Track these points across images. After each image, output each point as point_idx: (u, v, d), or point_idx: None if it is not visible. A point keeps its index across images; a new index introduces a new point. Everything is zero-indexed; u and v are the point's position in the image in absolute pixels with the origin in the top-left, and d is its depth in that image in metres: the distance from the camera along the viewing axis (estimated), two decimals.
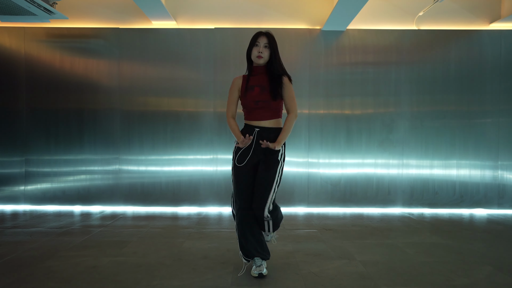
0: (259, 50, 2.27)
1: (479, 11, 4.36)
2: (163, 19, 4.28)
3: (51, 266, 2.38)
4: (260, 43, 2.28)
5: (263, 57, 2.27)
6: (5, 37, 4.40)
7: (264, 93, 2.26)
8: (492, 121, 4.37)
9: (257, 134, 2.27)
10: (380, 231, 3.38)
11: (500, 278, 2.23)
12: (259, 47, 2.28)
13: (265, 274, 2.21)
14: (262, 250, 2.28)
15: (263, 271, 2.21)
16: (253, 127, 2.30)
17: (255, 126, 2.30)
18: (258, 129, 2.28)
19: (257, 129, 2.28)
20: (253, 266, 2.26)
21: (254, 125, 2.30)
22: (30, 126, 4.41)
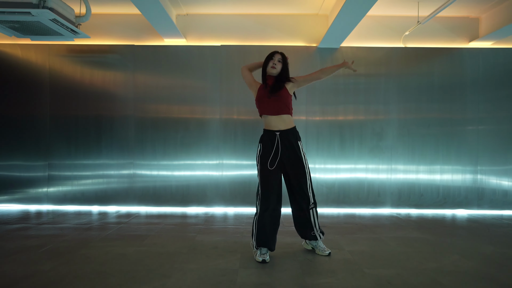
0: (274, 62, 2.84)
1: (460, 31, 4.84)
2: (174, 37, 4.74)
3: (86, 253, 2.82)
4: (275, 58, 2.85)
5: (276, 68, 2.83)
6: (32, 52, 4.86)
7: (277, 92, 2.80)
8: (472, 129, 4.82)
9: (279, 138, 2.77)
10: (368, 228, 3.81)
11: (463, 263, 2.66)
12: (274, 60, 2.84)
13: (267, 261, 2.65)
14: (272, 243, 2.74)
15: (266, 258, 2.65)
16: (274, 132, 2.78)
17: (275, 131, 2.78)
18: (278, 133, 2.78)
19: (278, 133, 2.77)
20: (258, 252, 2.69)
21: (274, 131, 2.79)
22: (53, 133, 4.86)
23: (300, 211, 2.84)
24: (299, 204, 2.83)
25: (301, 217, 2.86)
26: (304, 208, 2.82)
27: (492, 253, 2.92)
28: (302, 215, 2.84)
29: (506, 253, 2.93)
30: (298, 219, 2.89)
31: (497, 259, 2.76)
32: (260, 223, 2.71)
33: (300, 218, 2.87)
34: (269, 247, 2.72)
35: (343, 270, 2.50)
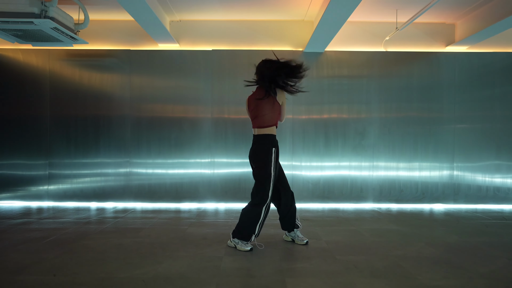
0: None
1: (437, 36, 5.14)
2: (167, 42, 5.01)
3: (86, 244, 3.10)
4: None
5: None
6: (33, 57, 5.12)
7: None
8: (449, 128, 5.12)
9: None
10: (348, 221, 4.11)
11: (426, 250, 2.96)
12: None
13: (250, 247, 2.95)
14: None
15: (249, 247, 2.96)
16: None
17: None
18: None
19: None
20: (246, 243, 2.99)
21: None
22: (53, 133, 5.12)
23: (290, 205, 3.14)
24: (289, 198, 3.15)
25: (290, 211, 3.14)
26: (292, 202, 3.15)
27: (455, 242, 3.22)
28: (291, 208, 3.14)
29: (467, 241, 3.24)
30: (287, 213, 3.16)
31: (458, 247, 3.07)
32: (266, 213, 3.00)
33: (289, 212, 3.15)
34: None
35: (317, 257, 2.80)
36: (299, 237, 3.16)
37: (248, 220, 2.95)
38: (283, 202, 3.14)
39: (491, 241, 3.24)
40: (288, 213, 3.16)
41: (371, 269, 2.51)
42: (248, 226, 2.95)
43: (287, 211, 3.15)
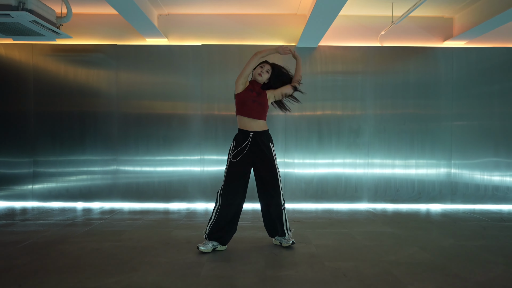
0: (262, 71, 3.00)
1: (434, 30, 4.96)
2: (155, 36, 4.84)
3: (63, 248, 2.94)
4: (264, 67, 3.01)
5: (262, 77, 3.00)
6: (15, 51, 4.94)
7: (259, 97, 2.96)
8: (446, 125, 4.96)
9: (251, 138, 2.90)
10: (340, 223, 3.96)
11: (419, 255, 2.81)
12: (263, 69, 3.00)
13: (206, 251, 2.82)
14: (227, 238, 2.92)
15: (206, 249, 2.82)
16: (248, 132, 2.93)
17: (249, 131, 2.93)
18: (252, 133, 2.91)
19: (252, 133, 2.91)
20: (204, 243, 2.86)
21: (248, 131, 2.93)
22: (37, 130, 4.95)
23: (271, 211, 2.96)
24: (271, 204, 2.95)
25: (273, 216, 2.98)
26: (277, 208, 2.94)
27: (450, 246, 3.07)
28: (274, 214, 2.96)
29: (463, 245, 3.09)
30: (269, 219, 3.02)
31: (453, 251, 2.92)
32: (219, 217, 2.85)
33: (272, 218, 2.99)
34: (221, 242, 2.90)
35: (304, 263, 2.64)
36: (285, 239, 3.00)
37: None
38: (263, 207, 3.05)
39: (488, 246, 3.09)
40: (270, 220, 3.02)
41: (360, 277, 2.36)
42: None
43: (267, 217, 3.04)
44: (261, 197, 3.02)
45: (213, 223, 2.87)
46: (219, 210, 2.86)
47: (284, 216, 2.98)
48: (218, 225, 2.86)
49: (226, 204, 2.86)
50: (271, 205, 2.95)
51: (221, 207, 2.86)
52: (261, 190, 3.00)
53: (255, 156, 2.93)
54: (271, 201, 2.94)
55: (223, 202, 2.86)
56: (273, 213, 2.96)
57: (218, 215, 2.86)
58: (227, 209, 2.86)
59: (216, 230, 2.87)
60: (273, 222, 3.01)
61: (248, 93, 2.97)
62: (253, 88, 2.99)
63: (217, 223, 2.86)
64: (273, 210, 2.95)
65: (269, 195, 2.94)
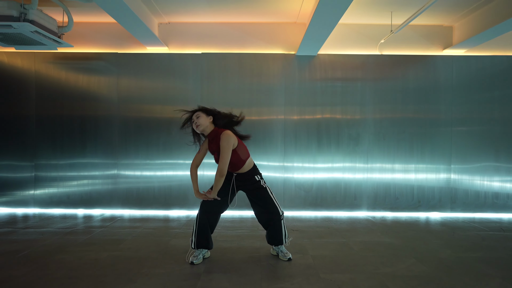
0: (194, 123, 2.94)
1: (434, 39, 4.97)
2: (156, 45, 4.88)
3: (61, 258, 2.97)
4: (194, 119, 2.95)
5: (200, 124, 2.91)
6: (18, 59, 5.00)
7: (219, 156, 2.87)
8: (445, 130, 4.96)
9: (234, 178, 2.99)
10: (339, 232, 3.96)
11: (416, 267, 2.81)
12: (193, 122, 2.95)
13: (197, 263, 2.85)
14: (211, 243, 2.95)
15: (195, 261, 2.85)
16: (231, 173, 3.00)
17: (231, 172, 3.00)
18: (235, 175, 3.00)
19: (234, 175, 3.00)
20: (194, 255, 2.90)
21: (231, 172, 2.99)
22: (39, 134, 5.00)
23: (271, 224, 2.99)
24: (269, 219, 2.99)
25: (272, 228, 2.99)
26: (276, 220, 2.97)
27: (448, 257, 3.07)
28: (273, 227, 2.98)
29: (460, 257, 3.08)
30: (269, 230, 3.03)
31: (450, 263, 2.91)
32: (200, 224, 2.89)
33: (272, 229, 3.00)
34: (208, 247, 2.94)
35: (300, 275, 2.65)
36: (282, 252, 3.01)
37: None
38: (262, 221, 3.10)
39: (486, 257, 3.09)
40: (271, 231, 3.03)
41: None
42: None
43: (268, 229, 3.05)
44: (260, 215, 3.06)
45: (197, 232, 2.89)
46: (199, 217, 2.89)
47: (283, 226, 3.00)
48: (202, 232, 2.89)
49: (204, 212, 2.90)
50: (270, 220, 2.98)
51: (200, 214, 2.90)
52: (258, 211, 3.04)
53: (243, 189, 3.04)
54: (270, 216, 2.98)
55: (201, 210, 2.90)
56: (273, 225, 2.99)
57: (198, 223, 2.88)
58: (205, 216, 2.90)
59: (201, 238, 2.89)
60: (271, 232, 3.02)
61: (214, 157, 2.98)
62: (211, 148, 2.96)
63: (200, 230, 2.88)
64: (272, 223, 2.98)
65: (267, 213, 2.99)
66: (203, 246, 2.91)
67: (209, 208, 2.91)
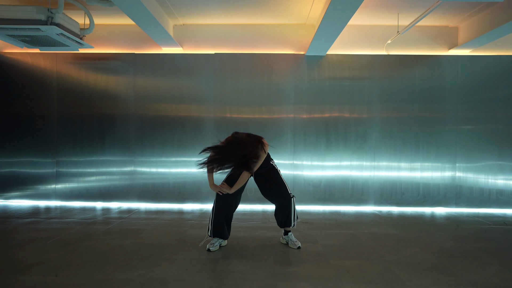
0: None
1: (440, 39, 5.12)
2: (171, 46, 5.10)
3: (89, 245, 3.21)
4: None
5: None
6: (41, 60, 5.27)
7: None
8: (451, 129, 5.11)
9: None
10: (347, 224, 4.15)
11: (420, 255, 2.99)
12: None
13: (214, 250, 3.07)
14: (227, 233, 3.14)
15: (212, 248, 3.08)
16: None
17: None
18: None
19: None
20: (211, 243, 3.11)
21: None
22: (60, 132, 5.27)
23: (283, 206, 3.18)
24: (281, 202, 3.18)
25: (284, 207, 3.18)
26: (286, 203, 3.15)
27: (450, 247, 3.24)
28: (284, 208, 3.17)
29: (462, 247, 3.25)
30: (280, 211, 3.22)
31: (452, 253, 3.09)
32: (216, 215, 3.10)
33: (282, 210, 3.19)
34: (224, 237, 3.14)
35: (311, 261, 2.85)
36: (292, 241, 3.21)
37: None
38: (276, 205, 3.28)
39: (487, 247, 3.25)
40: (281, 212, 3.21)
41: (362, 274, 2.56)
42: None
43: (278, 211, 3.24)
44: (272, 200, 3.26)
45: (213, 221, 3.09)
46: (215, 210, 3.10)
47: (292, 208, 3.17)
48: (218, 221, 3.09)
49: (219, 205, 3.09)
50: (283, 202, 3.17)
51: (215, 207, 3.10)
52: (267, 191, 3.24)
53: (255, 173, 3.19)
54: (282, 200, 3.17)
55: (217, 205, 3.10)
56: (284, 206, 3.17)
57: (215, 214, 3.10)
58: (221, 209, 3.09)
59: (217, 226, 3.10)
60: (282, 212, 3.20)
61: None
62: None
63: (216, 220, 3.09)
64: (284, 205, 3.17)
65: (279, 196, 3.17)
66: (219, 235, 3.12)
67: (224, 201, 3.09)
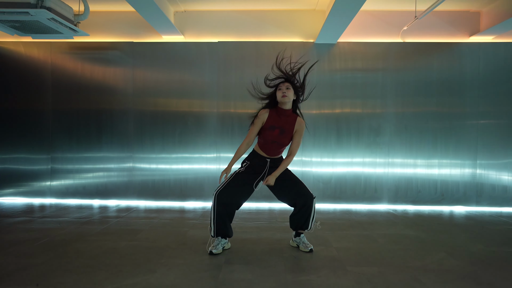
0: (283, 91, 2.73)
1: (460, 25, 4.75)
2: (171, 34, 4.79)
3: (79, 247, 2.92)
4: (282, 87, 2.74)
5: (287, 95, 2.72)
6: (34, 49, 4.98)
7: (282, 136, 2.76)
8: (471, 123, 4.75)
9: (269, 164, 2.84)
10: (361, 224, 3.83)
11: (448, 261, 2.67)
12: (282, 90, 2.73)
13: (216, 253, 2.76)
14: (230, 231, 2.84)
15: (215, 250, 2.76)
16: (265, 158, 2.85)
17: (266, 157, 2.85)
18: (269, 160, 2.85)
19: (269, 160, 2.85)
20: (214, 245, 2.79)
21: (265, 157, 2.85)
22: (55, 127, 4.98)
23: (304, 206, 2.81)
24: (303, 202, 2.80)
25: (305, 209, 2.81)
26: (309, 202, 2.79)
27: (480, 252, 2.91)
28: (305, 209, 2.81)
29: (494, 251, 2.92)
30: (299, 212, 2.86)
31: (484, 258, 2.76)
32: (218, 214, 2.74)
33: (302, 211, 2.83)
34: (227, 235, 2.84)
35: (326, 267, 2.54)
36: (304, 243, 2.90)
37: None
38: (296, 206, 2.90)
39: None
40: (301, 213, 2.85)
41: (386, 284, 2.24)
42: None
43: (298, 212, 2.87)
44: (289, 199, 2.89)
45: (215, 219, 2.75)
46: (216, 207, 2.73)
47: (313, 209, 2.83)
48: (220, 218, 2.75)
49: (221, 203, 2.73)
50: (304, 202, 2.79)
51: (216, 204, 2.72)
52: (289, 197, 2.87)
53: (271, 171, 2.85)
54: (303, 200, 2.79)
55: (218, 200, 2.72)
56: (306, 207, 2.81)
57: (217, 212, 2.73)
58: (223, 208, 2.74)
59: (220, 226, 2.76)
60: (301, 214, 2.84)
61: (268, 132, 2.77)
62: (276, 123, 2.76)
63: (219, 216, 2.74)
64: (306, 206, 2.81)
65: (299, 194, 2.81)
66: (222, 234, 2.82)
67: (227, 199, 2.75)
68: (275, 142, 2.77)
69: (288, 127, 2.78)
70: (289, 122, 2.79)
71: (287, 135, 2.78)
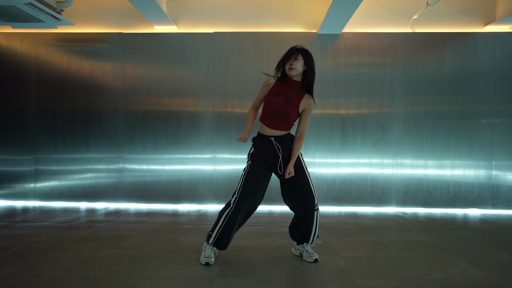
0: (291, 63, 2.42)
1: (474, 13, 4.42)
2: (164, 24, 4.45)
3: (54, 257, 2.58)
4: (292, 60, 2.43)
5: (296, 67, 2.41)
6: (17, 41, 4.65)
7: (286, 105, 2.43)
8: (486, 122, 4.42)
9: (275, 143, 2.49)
10: (369, 229, 3.49)
11: (473, 273, 2.33)
12: (289, 62, 2.42)
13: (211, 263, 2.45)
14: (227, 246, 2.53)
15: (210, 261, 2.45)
16: (268, 137, 2.49)
17: (269, 136, 2.49)
18: (273, 138, 2.49)
19: (272, 138, 2.49)
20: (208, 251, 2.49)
21: (268, 135, 2.49)
22: (39, 126, 4.65)
23: (304, 217, 2.51)
24: (303, 210, 2.50)
25: (305, 219, 2.51)
26: (310, 213, 2.48)
27: (507, 261, 2.57)
28: (307, 217, 2.50)
29: None
30: (300, 221, 2.55)
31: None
32: (229, 221, 2.43)
33: (303, 220, 2.52)
34: (223, 248, 2.53)
35: (333, 280, 2.20)
36: (307, 252, 2.56)
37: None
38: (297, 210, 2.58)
39: None
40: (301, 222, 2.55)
41: None
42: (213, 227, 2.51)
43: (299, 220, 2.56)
44: (294, 201, 2.57)
45: (221, 229, 2.44)
46: (230, 213, 2.43)
47: (315, 220, 2.52)
48: (227, 231, 2.45)
49: (238, 208, 2.42)
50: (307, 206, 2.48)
51: (233, 209, 2.42)
52: (293, 194, 2.55)
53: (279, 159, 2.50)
54: (304, 205, 2.48)
55: (235, 207, 2.42)
56: (306, 216, 2.50)
57: (228, 219, 2.43)
58: (238, 212, 2.43)
59: (223, 237, 2.46)
60: (300, 224, 2.55)
61: (272, 98, 2.46)
62: (282, 91, 2.47)
63: (227, 227, 2.44)
64: (306, 214, 2.50)
65: (303, 197, 2.49)
66: (220, 246, 2.49)
67: (247, 202, 2.43)
68: (278, 110, 2.43)
69: (294, 98, 2.45)
70: (296, 94, 2.47)
71: (291, 107, 2.44)
